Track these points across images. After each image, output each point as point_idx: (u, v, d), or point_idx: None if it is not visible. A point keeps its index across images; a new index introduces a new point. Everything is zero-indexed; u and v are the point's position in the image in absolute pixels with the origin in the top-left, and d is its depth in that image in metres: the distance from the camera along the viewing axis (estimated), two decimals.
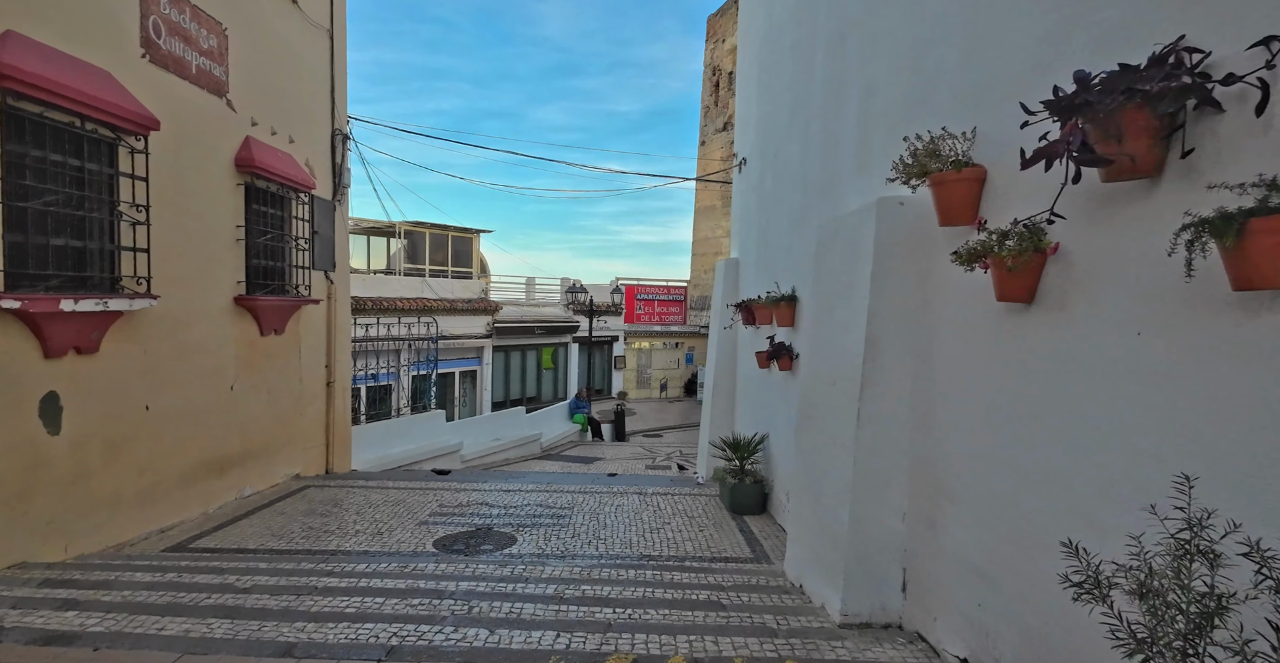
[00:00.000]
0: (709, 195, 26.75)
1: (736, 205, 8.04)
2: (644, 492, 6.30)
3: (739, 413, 7.45)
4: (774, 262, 5.81)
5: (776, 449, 5.57)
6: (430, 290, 17.72)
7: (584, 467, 10.42)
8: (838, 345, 3.34)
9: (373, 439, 8.74)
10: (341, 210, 7.73)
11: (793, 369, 5.05)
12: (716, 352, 7.80)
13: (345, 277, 7.91)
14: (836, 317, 3.43)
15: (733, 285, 7.76)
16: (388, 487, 6.39)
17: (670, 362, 24.91)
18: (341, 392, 7.72)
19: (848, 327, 3.21)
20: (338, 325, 7.58)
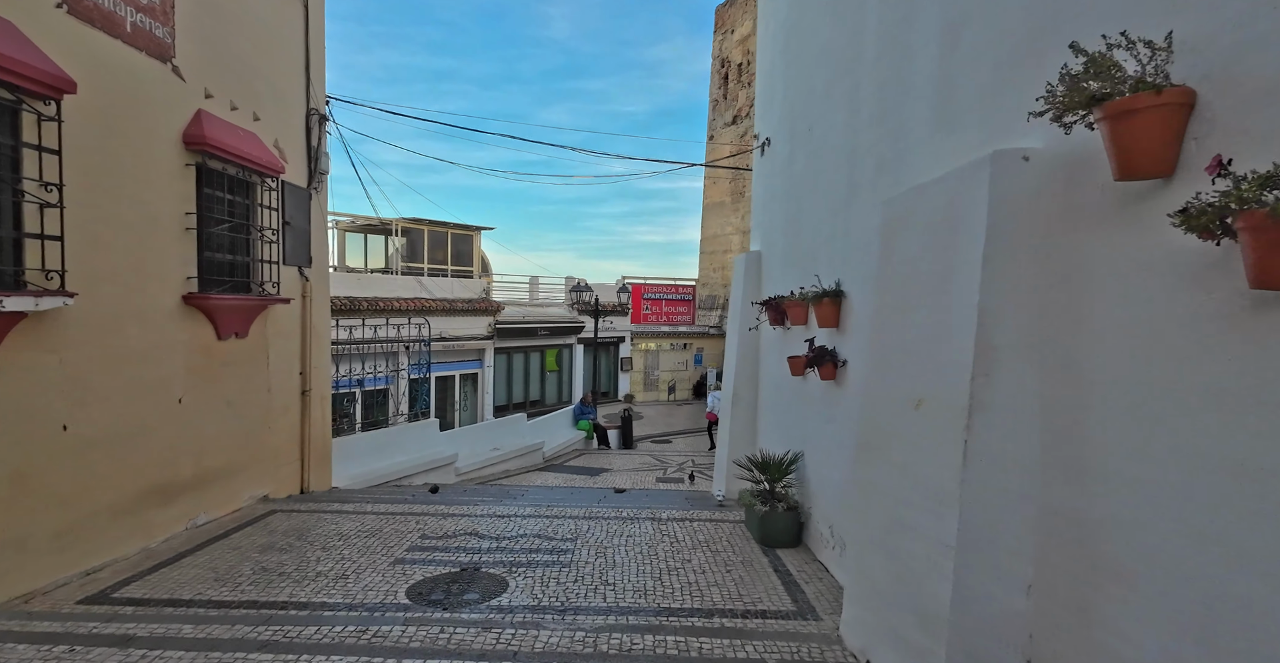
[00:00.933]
0: (718, 191, 25.93)
1: (758, 192, 7.22)
2: (658, 516, 5.49)
3: (763, 425, 6.63)
4: (810, 252, 4.99)
5: (815, 471, 4.75)
6: (428, 290, 16.97)
7: (589, 480, 9.62)
8: (922, 354, 2.52)
9: (358, 452, 7.97)
10: (319, 199, 6.96)
11: (837, 379, 4.23)
12: (736, 355, 6.98)
13: (324, 273, 7.13)
14: (918, 317, 2.62)
15: (754, 281, 6.94)
16: (365, 511, 5.60)
17: (678, 363, 24.10)
18: (320, 401, 6.95)
19: (940, 330, 2.40)
20: (314, 328, 6.80)
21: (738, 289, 7.27)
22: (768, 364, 6.45)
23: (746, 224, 24.06)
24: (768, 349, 6.41)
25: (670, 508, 5.88)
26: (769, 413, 6.34)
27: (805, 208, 5.19)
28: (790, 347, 5.37)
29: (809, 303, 4.42)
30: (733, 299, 7.55)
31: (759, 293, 6.84)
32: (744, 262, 7.09)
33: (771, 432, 6.19)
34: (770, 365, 6.30)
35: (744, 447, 6.87)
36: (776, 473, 5.03)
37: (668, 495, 7.73)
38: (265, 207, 5.91)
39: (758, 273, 6.93)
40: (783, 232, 5.91)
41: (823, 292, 4.25)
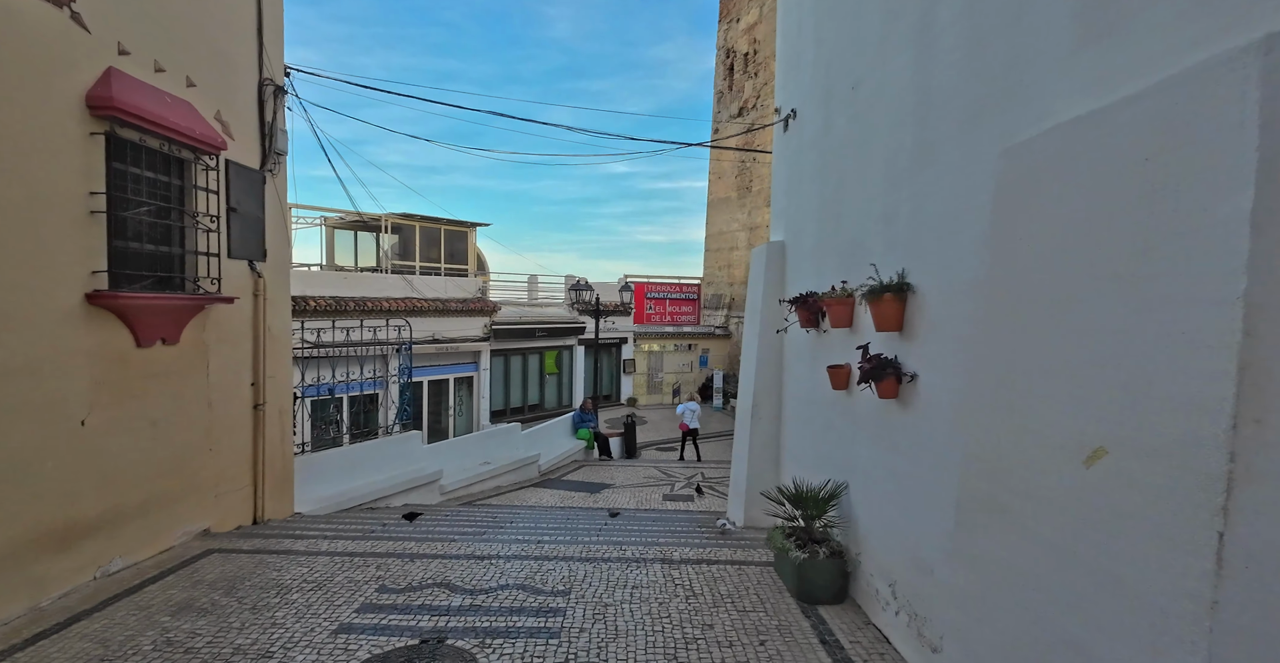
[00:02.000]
0: (723, 186, 25.01)
1: (780, 174, 6.29)
2: (669, 558, 4.57)
3: (789, 444, 5.70)
4: (856, 238, 4.06)
5: (865, 508, 3.82)
6: (417, 289, 16.10)
7: (588, 498, 8.70)
8: (1102, 376, 1.60)
9: (328, 471, 7.06)
10: (276, 184, 6.04)
11: (900, 397, 3.30)
12: (756, 362, 6.05)
13: (283, 269, 6.23)
14: (1087, 316, 1.69)
15: (777, 277, 6.02)
16: (319, 551, 4.68)
17: (683, 364, 23.18)
18: (278, 416, 6.04)
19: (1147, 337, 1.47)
20: (271, 331, 5.89)
21: (756, 286, 6.34)
22: (795, 373, 5.52)
23: (754, 220, 23.16)
24: (795, 356, 5.48)
25: (683, 544, 4.95)
26: (796, 431, 5.42)
27: (848, 184, 4.25)
28: (828, 353, 4.44)
29: (861, 300, 3.49)
30: (750, 297, 6.63)
31: (782, 289, 5.92)
32: (764, 254, 6.17)
33: (800, 454, 5.26)
34: (799, 375, 5.38)
35: (765, 468, 5.95)
36: (815, 508, 4.10)
37: (677, 519, 6.81)
38: (203, 189, 4.99)
39: (780, 267, 6.00)
40: (815, 216, 4.98)
41: (880, 286, 3.32)
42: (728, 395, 21.46)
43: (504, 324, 17.95)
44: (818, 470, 4.63)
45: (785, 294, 5.66)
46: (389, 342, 8.35)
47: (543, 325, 19.18)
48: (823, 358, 4.58)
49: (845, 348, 4.15)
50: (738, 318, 23.14)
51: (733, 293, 23.70)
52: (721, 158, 25.25)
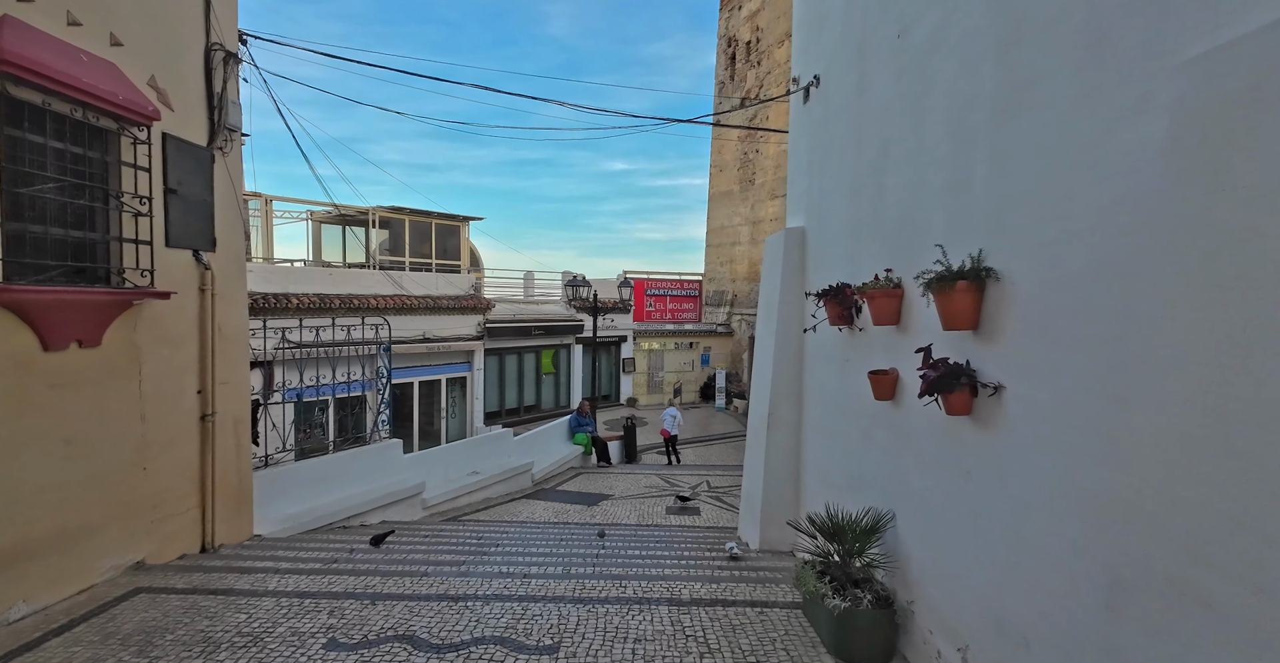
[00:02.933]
0: (724, 179, 24.28)
1: (798, 151, 5.57)
2: (677, 597, 3.87)
3: (811, 458, 5.00)
4: (907, 214, 3.36)
5: (919, 544, 3.12)
6: (408, 285, 15.40)
7: (585, 512, 7.99)
8: None
9: (296, 485, 6.36)
10: (228, 164, 5.33)
11: (975, 413, 2.59)
12: (773, 364, 5.35)
13: (237, 261, 5.51)
14: None
15: (796, 267, 5.31)
16: (264, 590, 3.98)
17: (684, 363, 22.48)
18: (233, 427, 5.33)
19: None
20: (223, 331, 5.18)
21: (772, 279, 5.63)
22: (820, 377, 4.81)
23: (757, 214, 22.42)
24: (821, 357, 4.78)
25: (692, 579, 4.24)
26: (822, 444, 4.71)
27: (894, 152, 3.54)
28: (867, 356, 3.74)
29: (922, 290, 2.77)
30: (764, 291, 5.93)
31: (803, 281, 5.21)
32: (781, 243, 5.45)
33: (827, 471, 4.56)
34: (825, 380, 4.67)
35: (782, 484, 5.26)
36: (854, 542, 3.40)
37: (683, 539, 6.11)
38: (132, 166, 4.28)
39: (800, 256, 5.29)
40: (847, 194, 4.27)
41: (950, 273, 2.60)
42: (730, 395, 20.77)
43: (498, 322, 17.25)
44: (852, 494, 3.93)
45: (808, 287, 4.96)
46: (364, 341, 7.63)
47: (539, 324, 18.48)
48: (860, 361, 3.88)
49: (891, 350, 3.44)
50: (740, 315, 22.44)
51: (735, 289, 22.98)
52: (723, 151, 24.53)
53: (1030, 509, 2.28)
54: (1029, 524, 2.28)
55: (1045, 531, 2.20)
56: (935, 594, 2.94)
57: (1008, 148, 2.44)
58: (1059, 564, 2.12)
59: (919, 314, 3.14)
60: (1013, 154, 2.41)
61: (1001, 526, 2.45)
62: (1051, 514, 2.16)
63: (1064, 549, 2.10)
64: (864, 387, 3.65)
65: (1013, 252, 2.40)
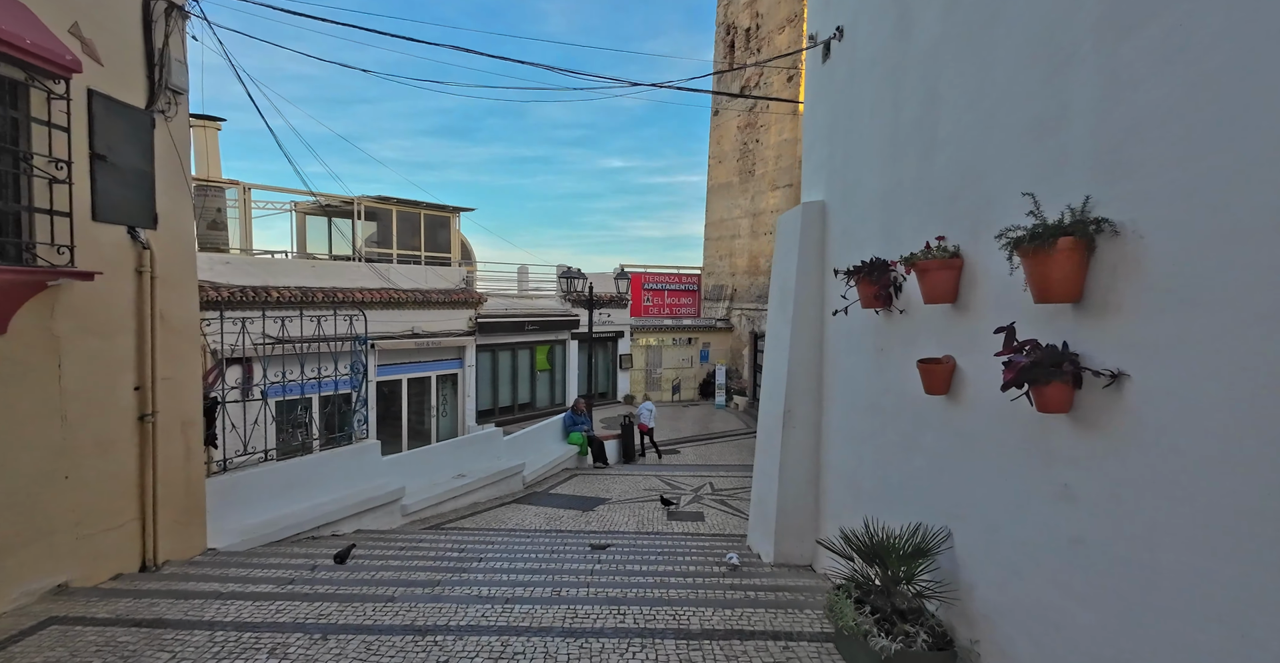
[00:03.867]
0: (723, 171, 23.67)
1: (817, 116, 4.98)
2: (685, 629, 3.28)
3: (835, 462, 4.42)
4: (970, 167, 2.76)
5: (991, 572, 2.54)
6: (395, 278, 14.78)
7: (580, 518, 7.38)
8: None
9: (262, 492, 5.75)
10: (170, 129, 4.71)
11: (1073, 408, 2.01)
12: (789, 356, 4.76)
13: (183, 241, 4.90)
14: None
15: (814, 246, 4.72)
16: (200, 620, 3.37)
17: (683, 359, 21.89)
18: (180, 428, 4.73)
19: None
20: (167, 320, 4.57)
21: (787, 260, 5.04)
22: (846, 371, 4.22)
23: (757, 206, 21.82)
24: (847, 347, 4.19)
25: (702, 604, 3.65)
26: (849, 447, 4.12)
27: (949, 97, 2.94)
28: (910, 342, 3.15)
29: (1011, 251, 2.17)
30: (777, 275, 5.34)
31: (822, 262, 4.63)
32: (797, 220, 4.86)
33: (856, 478, 3.97)
34: (853, 374, 4.08)
35: (799, 491, 4.68)
36: (900, 565, 2.82)
37: (687, 550, 5.52)
38: (47, 124, 3.66)
39: (820, 233, 4.70)
40: (883, 155, 3.67)
41: (1049, 228, 2.00)
42: (731, 392, 20.21)
43: (490, 317, 16.64)
44: (889, 506, 3.34)
45: (829, 266, 4.37)
46: (337, 337, 7.02)
47: (533, 318, 17.87)
48: (900, 350, 3.29)
49: (946, 334, 2.85)
50: (740, 310, 21.85)
51: (735, 283, 22.39)
52: (722, 141, 23.92)
53: (1166, 538, 1.70)
54: (1164, 557, 1.70)
55: (1192, 568, 1.62)
56: (1012, 636, 2.35)
57: (1132, 60, 1.84)
58: (1214, 614, 1.54)
59: (984, 288, 2.55)
60: (1141, 66, 1.81)
61: (1118, 556, 1.87)
62: (1201, 547, 1.58)
63: (1222, 595, 1.52)
64: (906, 380, 3.07)
65: (1139, 198, 1.81)
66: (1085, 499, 2.01)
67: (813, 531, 4.68)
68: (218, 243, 12.85)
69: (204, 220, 12.68)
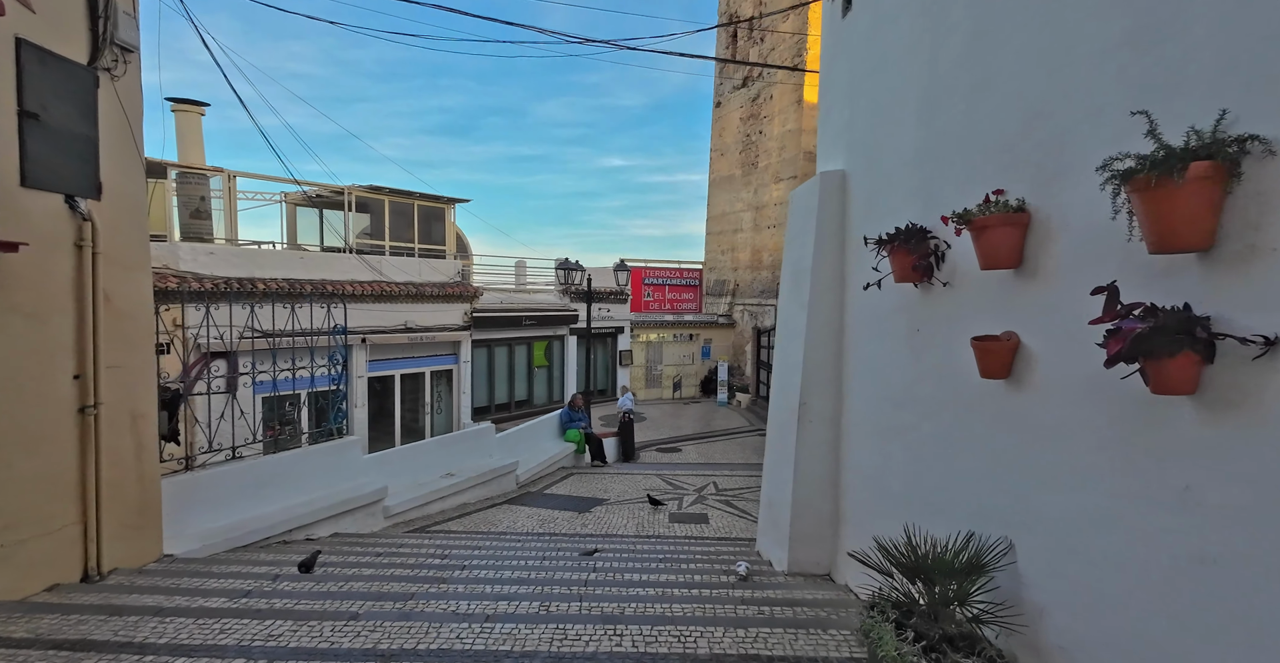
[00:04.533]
0: (726, 163, 23.19)
1: (838, 73, 4.50)
2: (693, 654, 2.82)
3: (857, 461, 3.95)
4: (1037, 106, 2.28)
5: (1057, 591, 2.07)
6: (388, 271, 14.33)
7: (575, 520, 6.91)
8: None
9: (229, 492, 5.30)
10: (119, 91, 4.24)
11: (1199, 388, 1.52)
12: (805, 342, 4.29)
13: (135, 215, 4.44)
14: None
15: (833, 220, 4.25)
16: (132, 640, 2.91)
17: (684, 356, 21.42)
18: (130, 422, 4.27)
19: None
20: (114, 302, 4.12)
21: (801, 238, 4.58)
22: (872, 358, 3.75)
23: (760, 199, 21.33)
24: (874, 332, 3.72)
25: (712, 622, 3.19)
26: (875, 445, 3.64)
27: (1004, 24, 2.47)
28: (956, 319, 2.69)
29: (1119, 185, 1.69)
30: (791, 254, 4.87)
31: (842, 237, 4.16)
32: (814, 192, 4.39)
33: (885, 479, 3.50)
34: (880, 361, 3.61)
35: (816, 492, 4.22)
36: (950, 583, 2.35)
37: (690, 556, 5.06)
38: None
39: (839, 205, 4.23)
40: (919, 107, 3.20)
41: (1173, 152, 1.53)
42: (733, 390, 19.75)
43: (487, 311, 16.19)
44: (927, 511, 2.88)
45: (851, 242, 3.91)
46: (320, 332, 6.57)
47: (531, 313, 17.42)
48: (941, 329, 2.83)
49: (1006, 305, 2.39)
50: (743, 306, 21.38)
51: (737, 278, 21.92)
52: (724, 133, 23.44)
53: None
54: None
55: None
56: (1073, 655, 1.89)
57: None
58: None
59: (1059, 247, 2.09)
60: None
61: (1261, 581, 1.40)
62: None
63: None
64: (950, 365, 2.61)
65: None
66: (1215, 506, 1.54)
67: (831, 537, 4.22)
68: (201, 232, 12.37)
69: (187, 209, 12.22)
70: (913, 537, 2.50)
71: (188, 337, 10.34)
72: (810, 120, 18.74)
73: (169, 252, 11.09)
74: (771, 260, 20.07)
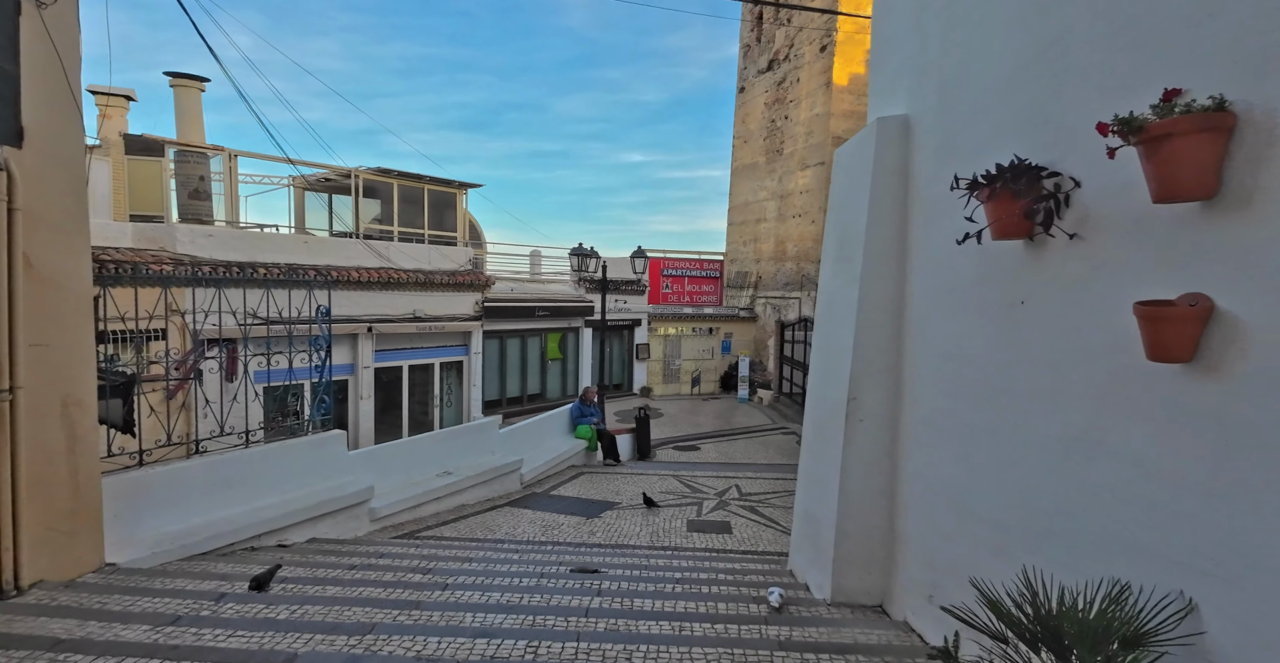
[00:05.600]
0: (749, 151, 22.33)
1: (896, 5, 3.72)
2: None
3: (918, 469, 3.19)
4: None
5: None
6: (396, 257, 13.79)
7: (583, 527, 6.22)
8: None
9: (188, 492, 4.70)
10: (46, 22, 3.61)
11: None
12: (856, 322, 3.54)
13: (69, 170, 3.82)
14: None
15: (892, 175, 3.50)
16: None
17: (703, 350, 20.66)
18: (59, 410, 3.66)
19: None
20: (40, 269, 3.51)
21: (851, 200, 3.82)
22: (943, 338, 3.00)
23: (785, 187, 20.44)
24: (948, 306, 2.96)
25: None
26: (951, 451, 2.88)
27: None
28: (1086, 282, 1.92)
29: None
30: (834, 224, 4.13)
31: (904, 195, 3.40)
32: (870, 142, 3.63)
33: (963, 499, 2.74)
34: (958, 341, 2.86)
35: (868, 505, 3.49)
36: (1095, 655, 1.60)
37: (713, 575, 4.35)
38: None
39: (901, 157, 3.47)
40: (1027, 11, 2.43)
41: None
42: (755, 386, 18.96)
43: (499, 301, 15.60)
44: (1034, 539, 2.14)
45: (914, 198, 3.16)
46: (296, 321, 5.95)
47: (545, 303, 16.79)
48: (1065, 296, 2.07)
49: (1192, 256, 1.63)
50: (765, 299, 20.55)
51: (760, 270, 21.08)
52: (748, 119, 22.56)
53: None
54: None
55: None
56: None
57: None
58: None
59: None
60: None
61: None
62: None
63: None
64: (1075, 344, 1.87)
65: None
66: None
67: (885, 561, 3.48)
68: (200, 214, 11.88)
69: (185, 189, 11.74)
70: (1038, 588, 1.76)
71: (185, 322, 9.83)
72: (840, 103, 17.81)
73: (166, 233, 10.61)
74: (796, 251, 19.21)
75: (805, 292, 18.49)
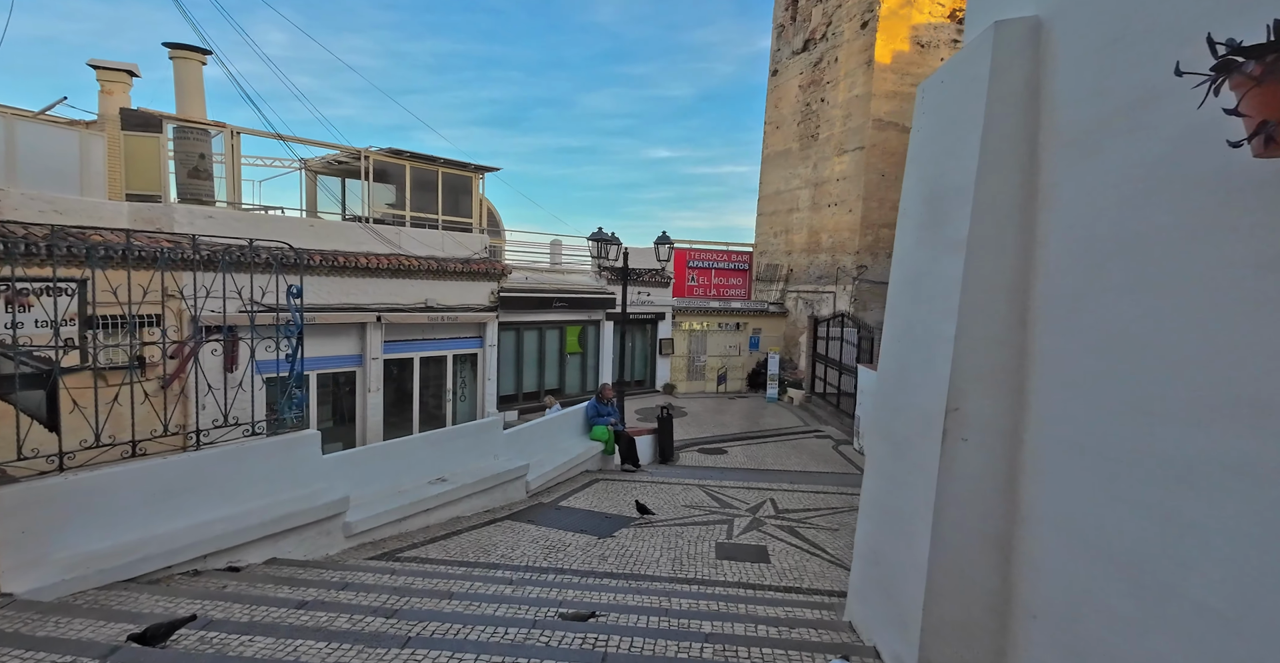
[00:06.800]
0: (781, 137, 21.19)
1: None
2: None
3: (1057, 510, 2.20)
4: None
5: None
6: (407, 244, 13.06)
7: (594, 548, 5.32)
8: None
9: (125, 502, 3.94)
10: None
11: None
12: (958, 309, 2.58)
13: None
14: None
15: (1019, 95, 2.52)
16: None
17: (730, 347, 19.65)
18: None
19: None
20: None
21: (955, 137, 2.86)
22: (1117, 325, 2.02)
23: (820, 175, 19.28)
24: (1127, 279, 1.98)
25: None
26: (1146, 496, 1.91)
27: None
28: None
29: None
30: (915, 176, 3.17)
31: (1033, 125, 2.42)
32: (986, 57, 2.66)
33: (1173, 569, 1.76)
34: (1144, 329, 1.87)
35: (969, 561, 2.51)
36: None
37: (750, 627, 3.41)
38: None
39: (1028, 77, 2.50)
40: None
41: None
42: (785, 385, 17.91)
43: (516, 291, 14.81)
44: None
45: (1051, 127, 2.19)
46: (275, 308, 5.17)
47: (563, 295, 15.95)
48: None
49: None
50: (796, 293, 19.45)
51: (791, 263, 19.98)
52: (780, 104, 21.42)
53: None
54: None
55: None
56: None
57: None
58: None
59: None
60: None
61: None
62: None
63: None
64: None
65: None
66: None
67: (996, 635, 2.52)
68: (200, 193, 11.26)
69: (184, 167, 11.12)
70: None
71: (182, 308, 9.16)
72: (883, 83, 16.61)
73: (164, 212, 10.00)
74: (831, 243, 18.08)
75: (841, 285, 17.37)
